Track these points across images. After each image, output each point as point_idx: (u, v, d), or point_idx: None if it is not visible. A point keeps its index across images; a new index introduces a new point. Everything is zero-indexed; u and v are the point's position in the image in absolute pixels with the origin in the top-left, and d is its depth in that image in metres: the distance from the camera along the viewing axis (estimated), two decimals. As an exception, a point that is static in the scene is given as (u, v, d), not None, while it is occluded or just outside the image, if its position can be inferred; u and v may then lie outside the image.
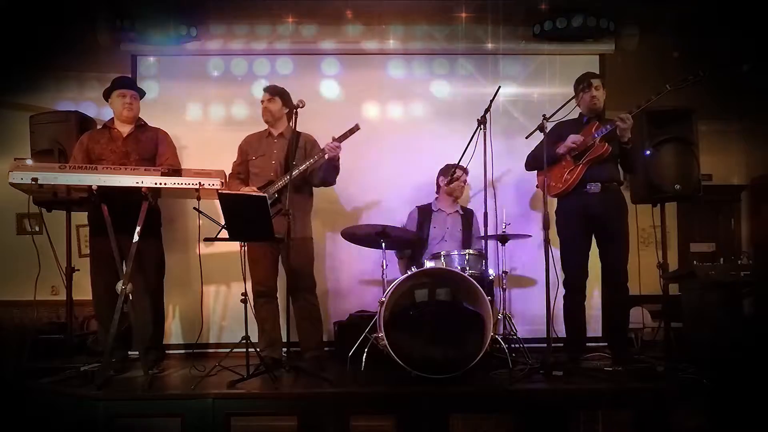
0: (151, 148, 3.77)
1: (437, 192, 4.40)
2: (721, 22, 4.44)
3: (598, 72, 4.63)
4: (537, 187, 3.90)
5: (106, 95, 3.81)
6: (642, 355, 3.90)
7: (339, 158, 3.67)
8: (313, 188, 3.96)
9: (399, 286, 3.42)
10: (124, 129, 3.77)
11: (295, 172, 3.63)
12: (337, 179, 3.87)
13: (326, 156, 3.62)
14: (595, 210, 3.63)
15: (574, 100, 3.68)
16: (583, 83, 3.70)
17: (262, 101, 3.87)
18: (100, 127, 3.91)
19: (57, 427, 3.04)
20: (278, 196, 3.72)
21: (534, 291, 4.60)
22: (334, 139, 3.61)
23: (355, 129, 3.63)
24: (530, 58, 4.87)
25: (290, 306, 3.49)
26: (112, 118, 3.83)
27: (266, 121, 3.88)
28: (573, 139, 3.62)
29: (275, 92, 3.87)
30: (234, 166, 3.94)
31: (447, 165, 4.33)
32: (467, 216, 4.35)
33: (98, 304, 3.68)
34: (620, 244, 3.65)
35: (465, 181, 4.31)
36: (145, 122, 3.88)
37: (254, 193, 3.58)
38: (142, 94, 3.89)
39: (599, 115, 3.78)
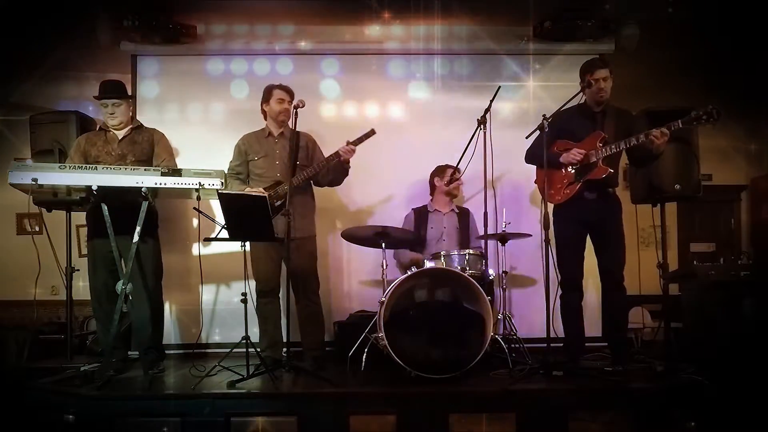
0: (148, 149, 3.75)
1: (432, 193, 4.41)
2: (721, 21, 4.44)
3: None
4: (535, 182, 3.89)
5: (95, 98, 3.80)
6: (642, 355, 3.89)
7: (350, 161, 3.71)
8: (313, 187, 3.97)
9: (399, 286, 3.43)
10: (120, 131, 3.76)
11: (305, 175, 3.68)
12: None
13: (340, 158, 3.65)
14: (591, 215, 3.61)
15: (577, 97, 3.63)
16: (592, 75, 3.54)
17: (283, 100, 3.80)
18: (97, 129, 3.89)
19: (57, 427, 3.03)
20: (286, 196, 3.72)
21: (534, 291, 4.60)
22: (348, 143, 3.64)
23: (370, 134, 3.67)
24: (530, 58, 4.87)
25: (290, 306, 3.49)
26: None
27: (281, 121, 3.82)
28: (576, 155, 3.54)
29: (292, 93, 3.87)
30: (232, 166, 3.89)
31: (439, 166, 4.35)
32: (463, 215, 4.36)
33: (97, 304, 3.68)
34: (616, 245, 3.63)
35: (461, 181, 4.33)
36: (141, 123, 3.86)
37: (255, 193, 3.58)
38: (126, 95, 3.78)
39: (604, 109, 3.70)
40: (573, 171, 3.61)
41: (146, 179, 3.27)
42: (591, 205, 3.60)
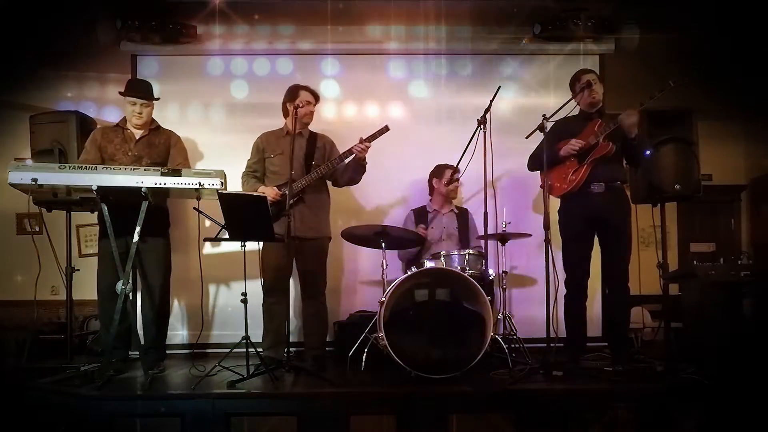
0: (164, 152, 3.79)
1: (431, 194, 4.41)
2: (721, 21, 4.44)
3: (597, 71, 4.65)
4: (541, 187, 3.90)
5: (122, 94, 3.82)
6: (642, 355, 3.90)
7: (365, 157, 3.72)
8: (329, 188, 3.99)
9: (399, 286, 3.43)
10: (138, 131, 3.78)
11: (318, 172, 3.70)
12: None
13: (355, 156, 3.67)
14: (599, 210, 3.62)
15: (574, 100, 3.68)
16: (580, 82, 3.68)
17: (309, 102, 3.83)
18: (114, 125, 3.90)
19: (57, 427, 3.03)
20: (300, 195, 3.71)
21: (534, 291, 4.60)
22: (362, 140, 3.65)
23: (384, 130, 3.69)
24: (530, 58, 4.87)
25: (292, 306, 3.49)
26: (125, 118, 3.83)
27: (305, 123, 3.86)
28: (575, 144, 3.59)
29: (318, 96, 3.91)
30: (249, 163, 3.93)
31: (438, 166, 4.35)
32: (462, 215, 4.37)
33: (102, 304, 3.67)
34: (623, 245, 3.64)
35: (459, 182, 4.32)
36: (158, 125, 3.88)
37: (257, 193, 3.59)
38: (154, 98, 3.83)
39: (600, 110, 3.76)
40: (576, 158, 3.62)
41: (146, 179, 3.26)
42: (598, 200, 3.61)
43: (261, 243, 3.64)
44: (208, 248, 4.43)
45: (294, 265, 3.84)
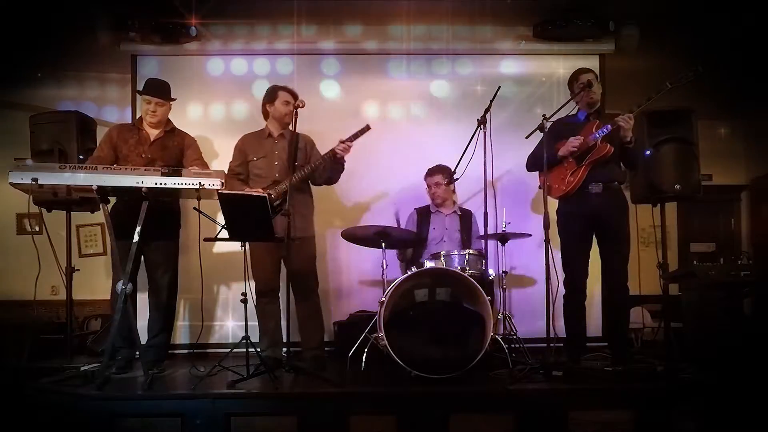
0: (177, 155, 3.79)
1: None
2: (721, 21, 4.44)
3: (597, 71, 4.65)
4: (540, 188, 3.90)
5: (139, 93, 3.83)
6: (642, 355, 3.89)
7: (345, 157, 3.71)
8: (312, 187, 3.97)
9: (399, 286, 3.43)
10: (153, 132, 3.78)
11: (302, 173, 3.67)
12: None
13: (336, 156, 3.65)
14: (597, 210, 3.62)
15: (573, 100, 3.69)
16: (579, 82, 3.68)
17: (288, 102, 3.80)
18: (130, 124, 3.91)
19: (57, 427, 3.03)
20: (285, 196, 3.70)
21: (534, 291, 4.60)
22: (342, 141, 3.64)
23: (365, 129, 3.67)
24: (530, 58, 4.87)
25: (290, 306, 3.50)
26: (142, 117, 3.83)
27: (286, 123, 3.84)
28: (573, 142, 3.60)
29: (297, 96, 3.87)
30: (232, 166, 3.90)
31: (427, 170, 4.34)
32: (465, 217, 4.36)
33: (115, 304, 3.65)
34: (621, 244, 3.64)
35: (440, 183, 4.24)
36: (174, 126, 3.88)
37: (254, 193, 3.58)
38: (171, 99, 3.81)
39: (598, 110, 3.76)
40: (574, 159, 3.62)
41: (146, 179, 3.26)
42: (596, 200, 3.61)
43: (248, 244, 3.62)
44: (208, 248, 4.43)
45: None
